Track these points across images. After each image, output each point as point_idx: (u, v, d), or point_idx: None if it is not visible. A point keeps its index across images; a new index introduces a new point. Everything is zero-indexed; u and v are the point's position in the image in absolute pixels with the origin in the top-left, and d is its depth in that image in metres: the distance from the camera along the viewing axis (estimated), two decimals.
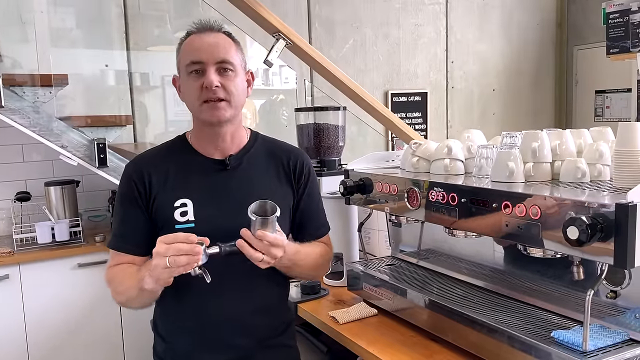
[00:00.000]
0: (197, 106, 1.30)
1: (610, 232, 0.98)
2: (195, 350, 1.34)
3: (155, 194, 1.32)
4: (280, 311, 1.44)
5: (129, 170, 1.37)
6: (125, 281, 1.29)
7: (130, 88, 3.51)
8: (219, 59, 1.28)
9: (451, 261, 1.63)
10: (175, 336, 1.37)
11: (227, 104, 1.29)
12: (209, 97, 1.27)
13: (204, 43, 1.29)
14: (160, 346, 1.41)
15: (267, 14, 2.57)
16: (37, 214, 2.92)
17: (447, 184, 1.34)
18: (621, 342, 1.12)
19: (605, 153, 1.26)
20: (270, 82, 4.06)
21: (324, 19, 4.22)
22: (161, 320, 1.41)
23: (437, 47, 4.76)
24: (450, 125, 4.90)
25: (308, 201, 1.44)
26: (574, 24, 5.30)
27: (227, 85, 1.28)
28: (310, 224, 1.45)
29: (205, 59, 1.27)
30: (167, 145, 1.43)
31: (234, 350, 1.34)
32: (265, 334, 1.38)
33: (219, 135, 1.34)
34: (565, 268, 1.23)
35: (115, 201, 1.41)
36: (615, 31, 3.26)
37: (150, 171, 1.34)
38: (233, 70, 1.30)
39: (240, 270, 1.28)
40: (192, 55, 1.28)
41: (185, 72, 1.30)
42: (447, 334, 1.37)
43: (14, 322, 2.57)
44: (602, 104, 5.15)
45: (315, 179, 1.48)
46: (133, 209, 1.33)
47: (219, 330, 1.33)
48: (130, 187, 1.33)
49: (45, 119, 2.70)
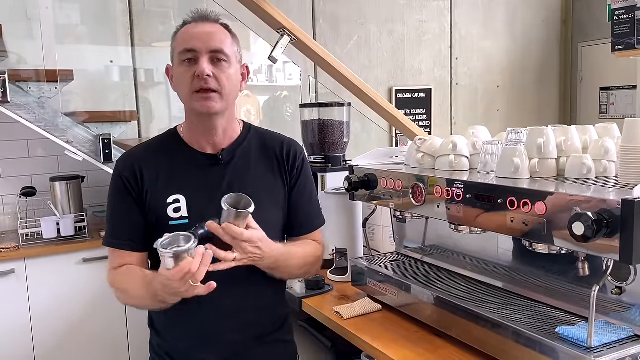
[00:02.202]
0: (188, 96, 1.27)
1: (616, 228, 0.97)
2: (191, 345, 1.33)
3: (147, 189, 1.30)
4: (277, 306, 1.43)
5: (120, 166, 1.34)
6: (133, 287, 1.27)
7: (135, 84, 3.52)
8: (213, 47, 1.25)
9: (455, 257, 1.63)
10: (171, 331, 1.36)
11: (218, 95, 1.26)
12: (200, 86, 1.24)
13: (199, 32, 1.26)
14: (156, 341, 1.40)
15: (271, 10, 2.57)
16: (42, 209, 2.93)
17: (452, 179, 1.34)
18: (626, 338, 1.12)
19: (611, 149, 1.25)
20: (274, 79, 4.06)
21: (328, 15, 4.22)
22: (157, 315, 1.38)
23: (442, 43, 4.75)
24: (455, 122, 4.90)
25: (301, 191, 1.41)
26: (579, 20, 5.28)
27: (219, 76, 1.25)
28: (303, 215, 1.41)
29: (198, 47, 1.24)
30: (158, 139, 1.41)
31: (230, 346, 1.33)
32: (262, 330, 1.37)
33: (210, 128, 1.31)
34: (571, 264, 1.22)
35: (107, 199, 1.37)
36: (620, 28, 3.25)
37: (142, 166, 1.31)
38: (227, 61, 1.27)
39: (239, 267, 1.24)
40: (186, 43, 1.25)
41: (178, 60, 1.27)
42: (451, 329, 1.37)
43: (20, 316, 2.59)
44: (606, 100, 5.13)
45: (308, 170, 1.45)
46: (126, 204, 1.30)
47: (215, 325, 1.32)
48: (122, 183, 1.31)
49: (50, 114, 2.72)
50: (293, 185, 1.40)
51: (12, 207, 2.99)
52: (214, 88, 1.25)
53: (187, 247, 1.08)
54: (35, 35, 3.15)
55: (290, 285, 1.83)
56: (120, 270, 1.31)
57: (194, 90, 1.25)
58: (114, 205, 1.34)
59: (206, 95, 1.25)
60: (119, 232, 1.32)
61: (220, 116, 1.31)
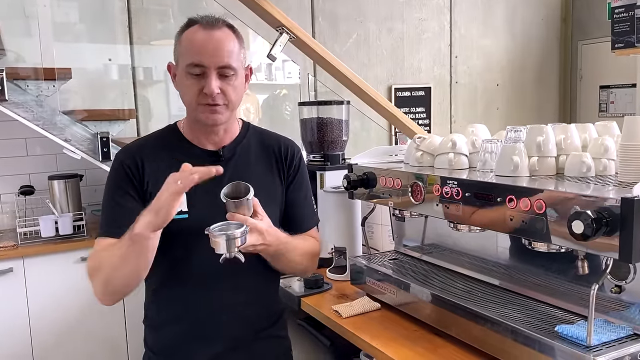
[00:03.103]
0: (193, 106, 1.27)
1: (616, 226, 0.97)
2: (186, 342, 1.33)
3: (148, 182, 1.29)
4: (271, 302, 1.43)
5: (121, 156, 1.32)
6: (107, 249, 1.22)
7: (133, 82, 3.51)
8: (221, 64, 1.23)
9: (455, 256, 1.63)
10: (166, 328, 1.35)
11: (224, 107, 1.27)
12: (207, 102, 1.24)
13: (208, 44, 1.23)
14: (150, 338, 1.39)
15: (270, 8, 2.57)
16: (40, 208, 2.92)
17: (451, 178, 1.34)
18: (625, 337, 1.11)
19: (611, 147, 1.25)
20: (273, 77, 4.05)
21: (327, 13, 4.21)
22: (151, 311, 1.39)
23: (441, 41, 4.75)
24: (454, 120, 4.89)
25: (297, 190, 1.42)
26: (579, 18, 5.28)
27: (226, 90, 1.25)
28: (299, 214, 1.43)
29: (207, 63, 1.22)
30: (157, 134, 1.40)
31: (225, 342, 1.33)
32: (257, 325, 1.38)
33: (212, 131, 1.33)
34: (570, 262, 1.22)
35: (104, 191, 1.32)
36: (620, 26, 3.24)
37: (143, 158, 1.31)
38: (234, 74, 1.26)
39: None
40: (194, 56, 1.23)
41: (183, 69, 1.26)
42: (450, 328, 1.37)
43: (18, 315, 2.58)
44: (606, 99, 5.13)
45: (305, 169, 1.46)
46: (126, 195, 1.28)
47: (210, 321, 1.32)
48: (124, 172, 1.29)
49: (48, 112, 2.71)
50: (290, 183, 1.42)
51: (10, 205, 2.98)
52: (221, 102, 1.26)
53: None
54: (33, 33, 3.14)
55: (289, 284, 1.83)
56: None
57: (200, 103, 1.26)
58: (114, 196, 1.29)
59: (212, 108, 1.26)
60: (118, 221, 1.25)
61: (225, 124, 1.33)
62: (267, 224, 1.23)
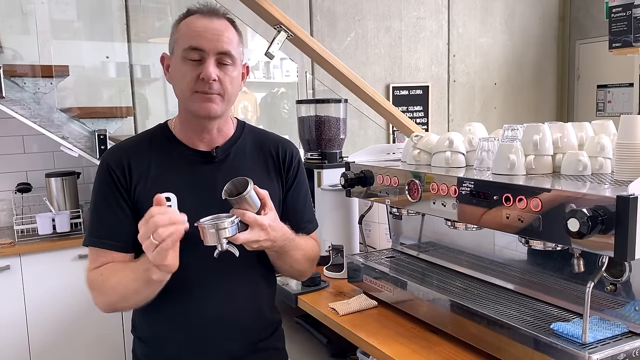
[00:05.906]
0: (187, 95, 1.20)
1: (611, 224, 0.97)
2: (180, 354, 1.27)
3: (136, 185, 1.22)
4: (268, 312, 1.38)
5: (107, 159, 1.25)
6: (117, 275, 1.17)
7: (131, 80, 3.51)
8: (221, 49, 1.18)
9: (451, 254, 1.63)
10: (159, 340, 1.29)
11: (220, 98, 1.21)
12: (203, 90, 1.18)
13: (208, 28, 1.18)
14: (140, 350, 1.33)
15: (268, 6, 2.56)
16: (37, 205, 2.92)
17: (448, 176, 1.34)
18: (620, 335, 1.12)
19: (607, 146, 1.25)
20: (271, 75, 4.05)
21: (325, 11, 4.21)
22: (142, 322, 1.32)
23: (439, 40, 4.75)
24: (452, 118, 4.90)
25: (296, 194, 1.38)
26: (577, 18, 5.29)
27: (224, 79, 1.20)
28: (298, 218, 1.37)
29: (206, 47, 1.17)
30: (147, 134, 1.33)
31: (222, 354, 1.28)
32: (253, 337, 1.33)
33: (205, 128, 1.26)
34: (566, 260, 1.23)
35: (91, 196, 1.27)
36: (617, 25, 3.25)
37: (131, 161, 1.24)
38: (233, 63, 1.21)
39: (227, 270, 1.23)
40: (193, 40, 1.17)
41: (180, 55, 1.19)
42: (447, 326, 1.38)
43: (15, 312, 2.58)
44: (603, 98, 5.14)
45: (303, 172, 1.42)
46: (114, 201, 1.22)
47: (206, 333, 1.26)
48: (110, 177, 1.22)
49: (46, 110, 2.71)
50: (289, 187, 1.37)
51: (8, 203, 2.98)
52: (217, 91, 1.20)
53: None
54: (30, 30, 3.14)
55: (286, 282, 1.83)
56: (102, 267, 1.22)
57: (195, 91, 1.19)
58: (101, 202, 1.24)
59: (207, 96, 1.19)
60: (103, 230, 1.22)
61: (218, 118, 1.26)
62: (271, 218, 1.17)
